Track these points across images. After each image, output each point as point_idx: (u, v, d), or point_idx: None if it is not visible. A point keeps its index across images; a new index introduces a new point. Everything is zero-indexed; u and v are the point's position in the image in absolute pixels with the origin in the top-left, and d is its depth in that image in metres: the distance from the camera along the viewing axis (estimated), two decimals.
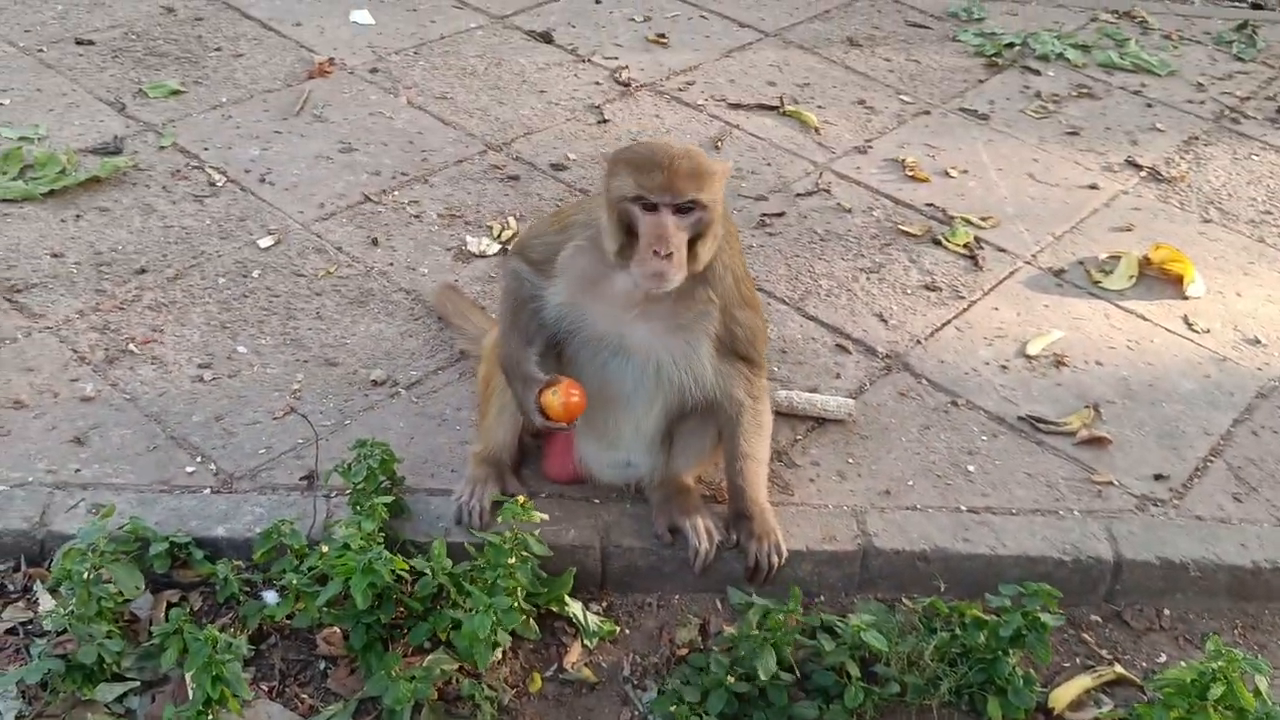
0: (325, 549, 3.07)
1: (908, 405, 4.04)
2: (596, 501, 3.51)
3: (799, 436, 3.85)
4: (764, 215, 5.04)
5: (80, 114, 5.39)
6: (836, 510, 3.57)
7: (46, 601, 3.16)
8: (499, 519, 3.20)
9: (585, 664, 3.23)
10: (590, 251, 3.10)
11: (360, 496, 3.25)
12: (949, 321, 4.49)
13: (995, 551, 3.46)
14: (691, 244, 2.95)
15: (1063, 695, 3.21)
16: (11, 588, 3.27)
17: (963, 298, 4.63)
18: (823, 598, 3.45)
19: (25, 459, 3.56)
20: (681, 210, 2.89)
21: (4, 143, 5.08)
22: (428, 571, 3.12)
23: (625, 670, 3.23)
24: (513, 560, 3.08)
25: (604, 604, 3.39)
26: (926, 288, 4.67)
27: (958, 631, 3.17)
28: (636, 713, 3.12)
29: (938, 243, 4.96)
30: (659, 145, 2.99)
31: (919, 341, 4.36)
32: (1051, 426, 3.99)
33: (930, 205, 5.22)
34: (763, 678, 2.97)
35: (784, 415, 3.90)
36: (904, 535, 3.49)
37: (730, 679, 3.01)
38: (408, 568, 3.09)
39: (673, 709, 3.00)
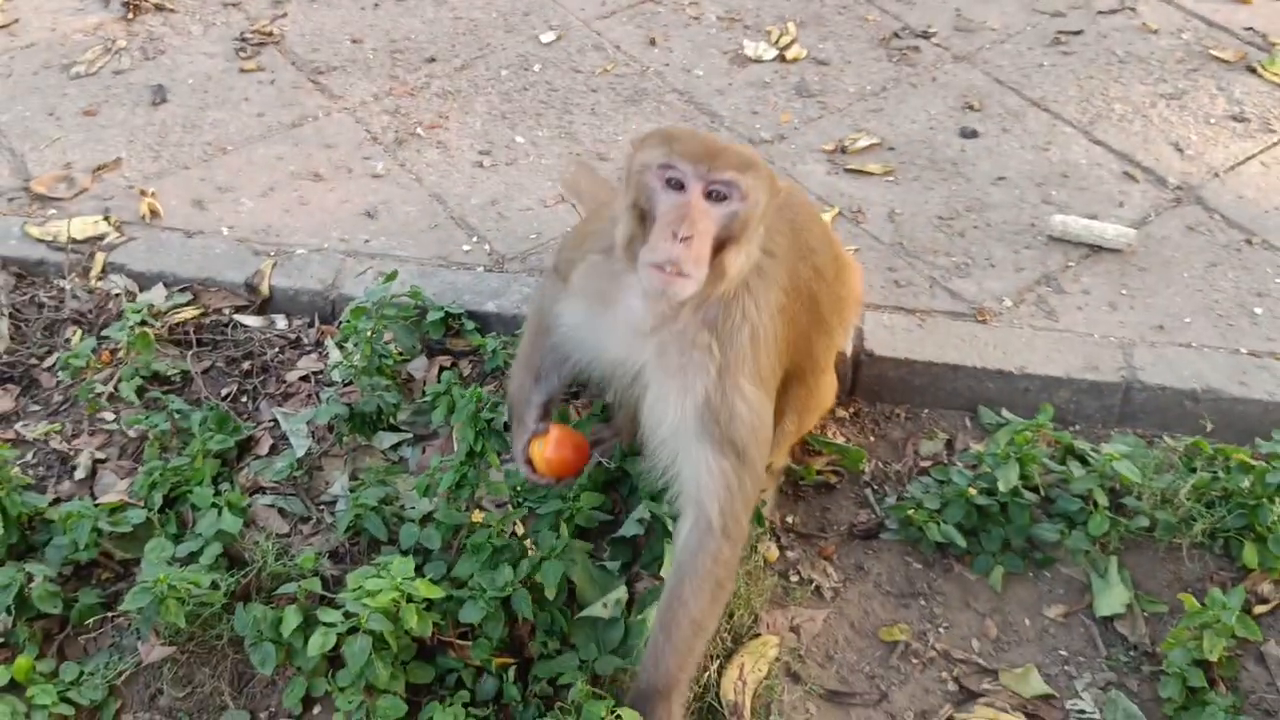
0: None
1: (1195, 240, 3.79)
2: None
3: (1071, 263, 3.69)
4: (1059, 32, 4.73)
5: None
6: (1102, 340, 3.43)
7: (335, 355, 3.44)
8: None
9: (828, 466, 3.27)
10: (603, 266, 2.56)
11: None
12: (1254, 155, 4.14)
13: (1275, 397, 3.26)
14: (718, 250, 2.36)
15: None
16: (306, 341, 3.57)
17: (1274, 131, 4.25)
18: (1078, 426, 3.36)
19: (321, 227, 3.83)
20: (715, 196, 2.34)
21: None
22: None
23: (866, 475, 3.26)
24: None
25: (851, 410, 3.41)
26: (1233, 118, 4.31)
27: (1220, 474, 3.03)
28: (874, 516, 3.16)
29: (1252, 70, 4.54)
30: (700, 131, 2.52)
31: (1217, 174, 4.06)
32: None
33: (1250, 30, 4.77)
34: (1003, 490, 2.94)
35: (1056, 240, 3.75)
36: (1174, 372, 3.33)
37: (972, 491, 2.99)
38: None
39: (910, 513, 3.02)
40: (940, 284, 3.61)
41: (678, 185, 2.32)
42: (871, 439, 3.35)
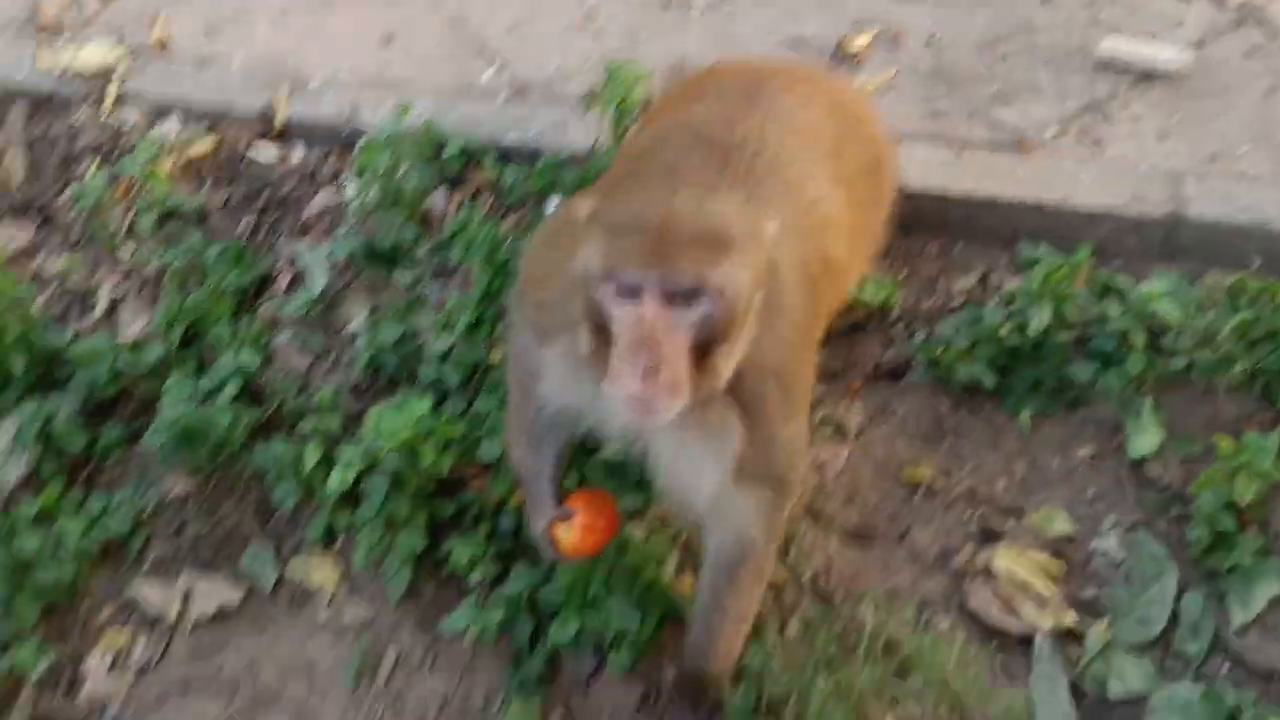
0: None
1: (1255, 64, 3.57)
2: None
3: (1120, 90, 3.49)
4: None
5: None
6: (1150, 172, 3.27)
7: (352, 189, 3.36)
8: None
9: (857, 306, 3.18)
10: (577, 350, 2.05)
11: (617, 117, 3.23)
12: None
13: None
14: (703, 351, 1.87)
15: None
16: (323, 174, 3.49)
17: None
18: (1119, 262, 3.23)
19: (338, 54, 3.71)
20: (680, 299, 1.83)
21: None
22: None
23: (895, 313, 3.17)
24: None
25: (884, 246, 3.30)
26: None
27: (1264, 314, 2.91)
28: (901, 354, 3.09)
29: None
30: (658, 196, 1.92)
31: None
32: None
33: None
34: (1035, 329, 2.85)
35: (1106, 65, 3.55)
36: (1224, 205, 3.17)
37: (1004, 330, 2.90)
38: None
39: (939, 353, 2.95)
40: (980, 113, 3.45)
41: (630, 293, 1.83)
42: (903, 275, 3.25)
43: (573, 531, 2.34)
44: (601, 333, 1.88)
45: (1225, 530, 2.66)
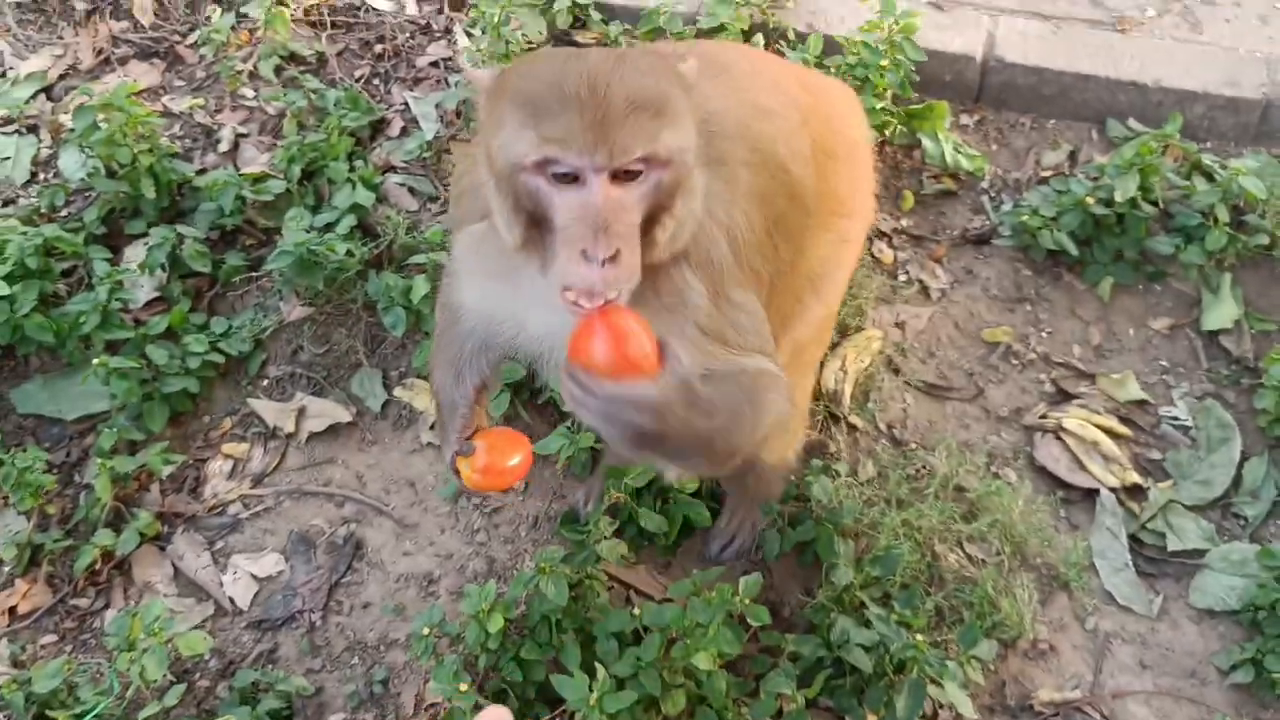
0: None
1: None
2: (986, 14, 3.41)
3: None
4: None
5: None
6: (1247, 55, 3.30)
7: (464, 41, 3.49)
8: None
9: (947, 175, 3.27)
10: (491, 237, 1.87)
11: None
12: None
13: None
14: (649, 222, 1.74)
15: None
16: (436, 27, 3.62)
17: None
18: (1209, 144, 3.28)
19: None
20: (626, 176, 1.67)
21: None
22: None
23: (985, 183, 3.26)
24: (885, 63, 3.10)
25: (976, 118, 3.38)
26: None
27: None
28: (988, 222, 3.18)
29: None
30: (573, 63, 1.68)
31: None
32: None
33: None
34: (1120, 201, 2.92)
35: None
36: None
37: (1089, 200, 2.98)
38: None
39: (1025, 219, 3.03)
40: None
41: (570, 178, 1.66)
42: (993, 147, 3.33)
43: (474, 465, 2.22)
44: (533, 221, 1.72)
45: None
